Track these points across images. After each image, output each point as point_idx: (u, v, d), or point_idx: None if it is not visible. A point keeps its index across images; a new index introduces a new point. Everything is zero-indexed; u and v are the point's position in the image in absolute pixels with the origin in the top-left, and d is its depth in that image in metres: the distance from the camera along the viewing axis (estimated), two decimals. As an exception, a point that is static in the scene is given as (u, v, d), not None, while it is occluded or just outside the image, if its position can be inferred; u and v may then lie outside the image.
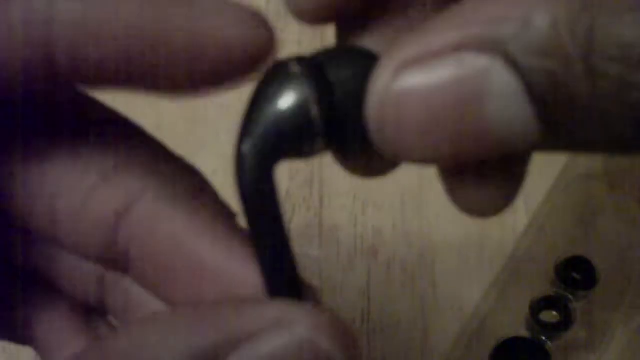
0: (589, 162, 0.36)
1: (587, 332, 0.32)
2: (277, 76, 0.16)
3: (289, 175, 0.37)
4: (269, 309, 0.15)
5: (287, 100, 0.15)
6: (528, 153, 0.15)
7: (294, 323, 0.15)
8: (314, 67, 0.16)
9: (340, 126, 0.16)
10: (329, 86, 0.16)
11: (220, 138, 0.38)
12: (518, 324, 0.32)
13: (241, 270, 0.17)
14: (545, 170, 0.36)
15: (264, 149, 0.16)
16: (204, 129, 0.39)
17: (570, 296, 0.32)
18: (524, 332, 0.32)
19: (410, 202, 0.36)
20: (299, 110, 0.15)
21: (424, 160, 0.15)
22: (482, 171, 0.17)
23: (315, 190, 0.37)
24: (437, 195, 0.37)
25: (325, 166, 0.37)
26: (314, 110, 0.15)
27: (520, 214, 0.36)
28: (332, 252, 0.35)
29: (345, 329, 0.16)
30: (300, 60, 0.16)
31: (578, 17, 0.13)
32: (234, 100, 0.41)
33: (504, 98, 0.14)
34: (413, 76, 0.14)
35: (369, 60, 0.16)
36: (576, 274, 0.33)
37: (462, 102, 0.14)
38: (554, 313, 0.32)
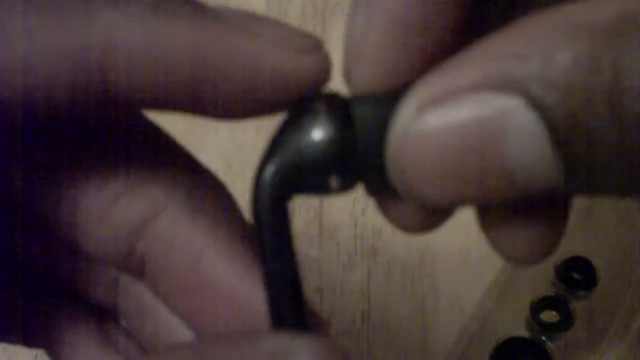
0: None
1: (587, 332, 0.32)
2: (303, 112, 0.16)
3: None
4: (268, 341, 0.15)
5: (308, 137, 0.16)
6: (554, 195, 0.15)
7: (293, 355, 0.15)
8: (339, 106, 0.16)
9: (359, 166, 0.16)
10: (351, 126, 0.16)
11: (220, 138, 0.38)
12: (518, 324, 0.32)
13: (255, 293, 0.18)
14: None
15: (283, 180, 0.16)
16: (204, 129, 0.39)
17: (570, 296, 0.32)
18: (524, 332, 0.32)
19: (410, 202, 0.36)
20: (320, 147, 0.16)
21: (444, 202, 0.15)
22: (519, 216, 0.17)
23: (315, 190, 0.37)
24: (437, 195, 0.37)
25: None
26: (334, 151, 0.16)
27: (520, 214, 0.36)
28: (332, 252, 0.35)
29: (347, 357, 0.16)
30: (327, 97, 0.16)
31: (602, 53, 0.13)
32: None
33: (525, 138, 0.14)
34: (433, 116, 0.14)
35: (395, 103, 0.16)
36: (576, 274, 0.33)
37: (483, 143, 0.14)
38: (554, 313, 0.32)
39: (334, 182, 0.16)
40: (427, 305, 0.34)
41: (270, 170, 0.16)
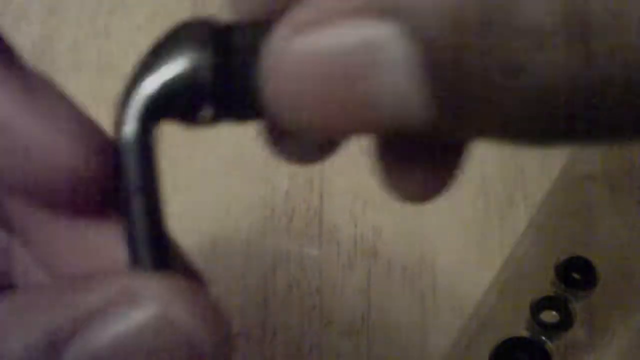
0: (589, 163, 0.36)
1: (587, 332, 0.32)
2: (179, 34, 0.15)
3: (288, 175, 0.37)
4: (120, 280, 0.14)
5: (182, 61, 0.15)
6: (433, 135, 0.14)
7: (145, 296, 0.14)
8: (219, 33, 0.15)
9: (234, 95, 0.15)
10: (230, 54, 0.15)
11: (219, 136, 0.38)
12: (518, 324, 0.32)
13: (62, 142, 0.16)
14: (545, 171, 0.36)
15: (149, 104, 0.15)
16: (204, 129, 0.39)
17: (570, 296, 0.32)
18: (524, 332, 0.32)
19: (410, 202, 0.36)
20: (192, 72, 0.15)
21: (313, 131, 0.14)
22: (412, 155, 0.16)
23: (315, 190, 0.37)
24: (437, 195, 0.37)
25: (326, 166, 0.37)
26: (206, 76, 0.15)
27: (520, 214, 0.36)
28: (332, 252, 0.35)
29: (213, 305, 0.14)
30: (207, 23, 0.15)
31: None
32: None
33: (395, 71, 0.13)
34: (306, 40, 0.13)
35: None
36: (576, 274, 0.33)
37: (348, 72, 0.13)
38: (554, 313, 0.32)
39: (206, 111, 0.15)
40: (427, 305, 0.34)
41: (138, 92, 0.15)
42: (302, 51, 0.13)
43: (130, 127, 0.15)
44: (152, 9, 0.43)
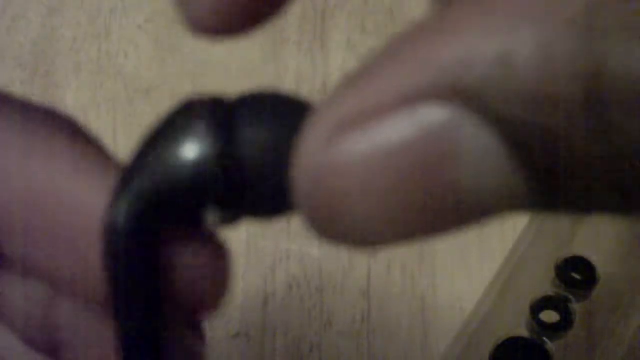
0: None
1: (587, 332, 0.32)
2: (178, 119, 0.13)
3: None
4: None
5: (181, 152, 0.12)
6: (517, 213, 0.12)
7: None
8: (223, 114, 0.13)
9: (245, 192, 0.13)
10: (238, 140, 0.12)
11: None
12: (518, 324, 0.32)
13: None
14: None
15: (144, 213, 0.13)
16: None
17: (570, 296, 0.32)
18: (524, 332, 0.32)
19: (410, 202, 0.36)
20: (194, 167, 0.12)
21: (382, 242, 0.12)
22: None
23: (315, 190, 0.37)
24: (437, 195, 0.37)
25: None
26: (213, 170, 0.12)
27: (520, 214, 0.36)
28: (332, 252, 0.35)
29: None
30: (209, 102, 0.13)
31: (580, 48, 0.10)
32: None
33: (479, 160, 0.10)
34: (354, 140, 0.11)
35: (296, 111, 0.13)
36: (576, 274, 0.33)
37: (421, 171, 0.11)
38: (554, 313, 0.32)
39: (211, 215, 0.13)
40: (427, 305, 0.34)
41: (126, 200, 0.13)
42: (351, 155, 0.11)
43: (123, 221, 0.13)
44: (152, 9, 0.43)
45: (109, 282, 0.13)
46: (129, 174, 0.13)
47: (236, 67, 0.41)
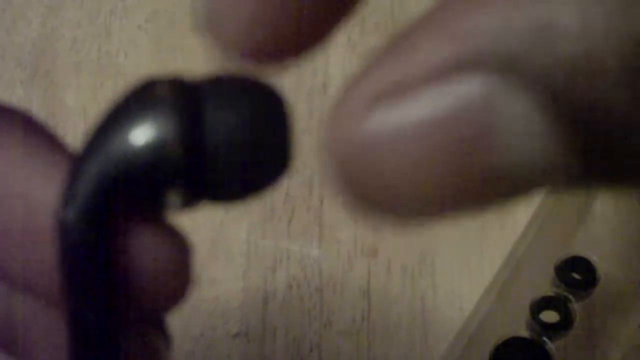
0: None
1: (587, 332, 0.32)
2: (138, 99, 0.12)
3: (288, 175, 0.37)
4: None
5: (141, 133, 0.12)
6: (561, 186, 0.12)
7: None
8: (187, 94, 0.12)
9: (211, 173, 0.12)
10: (202, 122, 0.12)
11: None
12: (518, 324, 0.32)
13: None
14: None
15: (99, 196, 0.12)
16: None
17: (570, 296, 0.32)
18: (524, 332, 0.32)
19: (410, 202, 0.36)
20: (156, 148, 0.12)
21: (420, 216, 0.11)
22: None
23: (315, 190, 0.37)
24: (437, 195, 0.37)
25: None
26: (175, 150, 0.12)
27: (520, 214, 0.36)
28: (332, 252, 0.35)
29: None
30: (172, 82, 0.12)
31: (618, 16, 0.09)
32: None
33: (518, 133, 0.10)
34: (390, 112, 0.10)
35: (261, 95, 0.13)
36: (576, 274, 0.33)
37: (459, 144, 0.10)
38: (554, 313, 0.32)
39: (173, 197, 0.12)
40: (427, 305, 0.34)
41: (83, 181, 0.12)
42: (388, 127, 0.10)
43: (75, 213, 0.12)
44: (152, 9, 0.43)
45: (63, 279, 0.12)
46: (82, 161, 0.12)
47: (236, 67, 0.41)
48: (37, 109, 0.39)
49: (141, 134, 0.12)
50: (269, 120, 0.12)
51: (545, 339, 0.31)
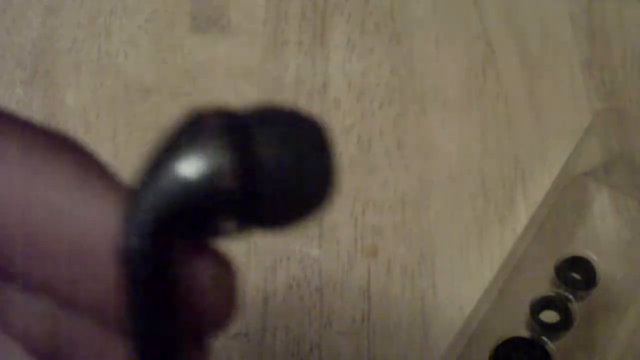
0: (589, 162, 0.36)
1: (587, 332, 0.32)
2: (188, 132, 0.13)
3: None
4: None
5: (194, 166, 0.12)
6: None
7: None
8: (237, 127, 0.13)
9: (262, 202, 0.13)
10: (253, 154, 0.12)
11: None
12: (518, 324, 0.32)
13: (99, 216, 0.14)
14: (545, 170, 0.36)
15: (159, 226, 0.13)
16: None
17: (570, 296, 0.32)
18: (524, 332, 0.32)
19: (410, 202, 0.36)
20: (209, 180, 0.12)
21: None
22: None
23: (315, 190, 0.37)
24: (437, 195, 0.37)
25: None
26: (228, 183, 0.12)
27: (520, 214, 0.36)
28: (332, 252, 0.35)
29: None
30: (221, 115, 0.13)
31: None
32: (234, 102, 0.41)
33: None
34: None
35: (308, 127, 0.13)
36: (576, 274, 0.33)
37: None
38: (554, 313, 0.32)
39: (230, 225, 0.13)
40: (427, 305, 0.34)
41: (142, 212, 0.12)
42: None
43: (136, 242, 0.13)
44: (152, 9, 0.43)
45: (125, 301, 0.13)
46: (140, 191, 0.13)
47: (236, 67, 0.41)
48: (37, 109, 0.39)
49: (194, 167, 0.12)
50: (313, 149, 0.13)
51: (545, 339, 0.31)
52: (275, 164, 0.12)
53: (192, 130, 0.13)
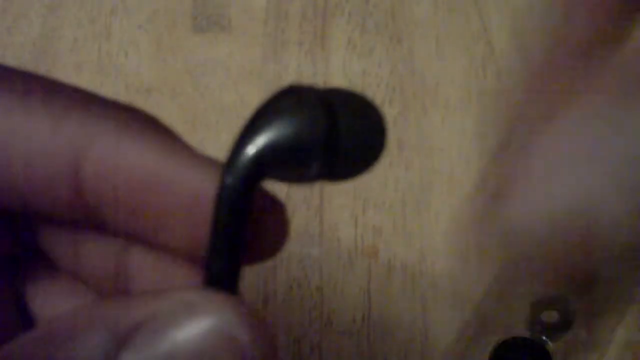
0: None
1: (587, 332, 0.32)
2: (292, 97, 0.16)
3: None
4: (184, 293, 0.15)
5: (295, 121, 0.16)
6: None
7: (205, 309, 0.14)
8: (325, 99, 0.16)
9: (339, 156, 0.16)
10: (335, 119, 0.16)
11: (220, 139, 0.38)
12: (518, 324, 0.32)
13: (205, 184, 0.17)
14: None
15: (263, 162, 0.16)
16: (204, 130, 0.39)
17: (570, 296, 0.32)
18: (524, 332, 0.32)
19: (410, 202, 0.36)
20: (308, 133, 0.16)
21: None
22: None
23: (315, 190, 0.37)
24: (437, 195, 0.37)
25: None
26: (320, 137, 0.16)
27: (520, 214, 0.36)
28: (332, 252, 0.35)
29: (265, 326, 0.15)
30: (315, 90, 0.17)
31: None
32: (235, 102, 0.41)
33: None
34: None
35: (368, 105, 0.17)
36: (576, 274, 0.33)
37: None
38: (554, 313, 0.32)
39: (314, 169, 0.16)
40: (427, 305, 0.34)
41: (251, 149, 0.16)
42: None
43: (234, 182, 0.16)
44: (152, 9, 0.43)
45: (212, 234, 0.16)
46: (245, 137, 0.16)
47: (236, 67, 0.41)
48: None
49: (295, 123, 0.16)
50: (372, 120, 0.17)
51: (545, 339, 0.31)
52: (349, 129, 0.16)
53: (293, 97, 0.16)
